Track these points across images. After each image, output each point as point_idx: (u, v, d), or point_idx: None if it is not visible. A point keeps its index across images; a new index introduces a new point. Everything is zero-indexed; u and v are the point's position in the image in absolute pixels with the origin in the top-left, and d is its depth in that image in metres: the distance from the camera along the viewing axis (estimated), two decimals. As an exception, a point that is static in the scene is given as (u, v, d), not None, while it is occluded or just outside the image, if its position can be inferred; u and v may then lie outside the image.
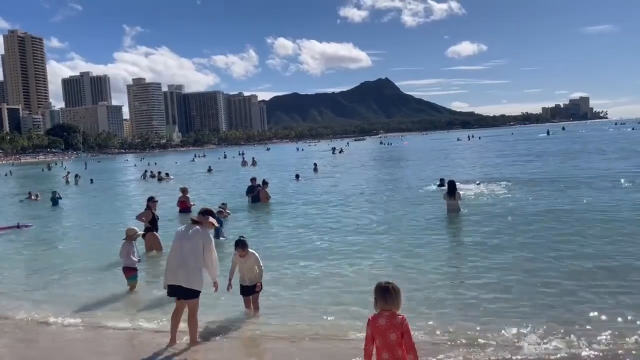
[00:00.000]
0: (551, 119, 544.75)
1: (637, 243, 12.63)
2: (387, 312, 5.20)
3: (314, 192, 29.72)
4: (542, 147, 65.63)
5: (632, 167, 30.87)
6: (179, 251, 7.73)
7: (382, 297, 5.22)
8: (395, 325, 5.15)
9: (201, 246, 7.71)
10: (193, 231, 7.84)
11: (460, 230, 16.24)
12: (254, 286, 9.20)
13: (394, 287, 5.23)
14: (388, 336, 5.15)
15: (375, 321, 5.22)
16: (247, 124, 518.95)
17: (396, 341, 5.14)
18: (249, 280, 9.19)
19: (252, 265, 9.15)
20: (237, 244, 9.13)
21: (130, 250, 11.52)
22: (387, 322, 5.17)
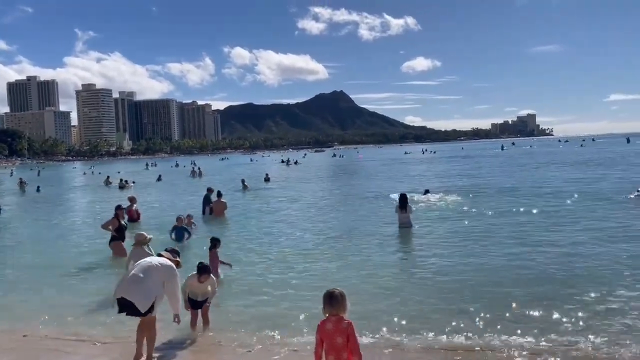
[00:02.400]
0: (500, 135, 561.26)
1: (581, 249, 13.26)
2: (334, 317, 5.51)
3: (264, 203, 29.70)
4: (499, 161, 67.70)
5: (582, 179, 32.26)
6: (136, 272, 7.56)
7: (329, 303, 5.53)
8: (342, 330, 5.45)
9: (161, 278, 7.57)
10: (161, 263, 7.71)
11: (410, 243, 16.55)
12: (204, 301, 9.22)
13: (340, 293, 5.55)
14: (335, 340, 5.45)
15: (324, 326, 5.53)
16: (201, 133, 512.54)
17: (342, 344, 5.44)
18: (201, 296, 9.20)
19: (206, 286, 9.17)
20: (199, 270, 9.01)
21: (142, 256, 11.11)
22: (333, 326, 5.48)
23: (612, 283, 10.64)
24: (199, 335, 8.95)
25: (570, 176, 37.87)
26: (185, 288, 8.90)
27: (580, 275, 11.41)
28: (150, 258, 7.97)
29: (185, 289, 8.95)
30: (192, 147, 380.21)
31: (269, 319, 9.55)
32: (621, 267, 11.79)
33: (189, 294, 9.10)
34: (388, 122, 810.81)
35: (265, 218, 23.19)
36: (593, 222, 17.93)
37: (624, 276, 11.10)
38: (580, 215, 19.52)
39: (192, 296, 9.16)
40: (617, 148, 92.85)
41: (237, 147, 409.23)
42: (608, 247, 13.98)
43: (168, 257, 7.93)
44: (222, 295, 10.99)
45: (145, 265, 7.64)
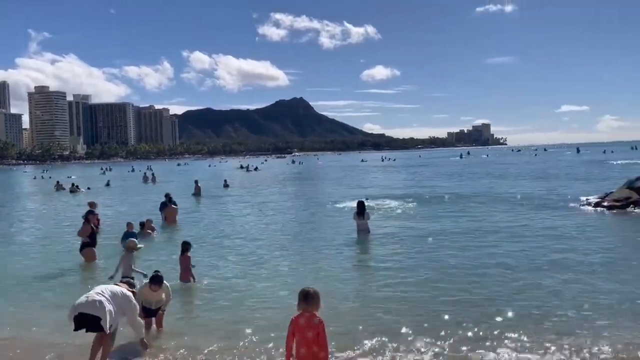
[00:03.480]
0: (456, 144, 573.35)
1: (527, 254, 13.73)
2: (308, 314, 6.04)
3: (221, 209, 29.50)
4: (457, 168, 69.06)
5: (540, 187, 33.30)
6: (101, 292, 7.66)
7: (304, 300, 6.06)
8: (313, 325, 5.98)
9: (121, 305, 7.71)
10: (122, 292, 7.86)
11: (368, 249, 16.76)
12: (158, 309, 9.22)
13: (315, 292, 6.11)
14: (306, 334, 5.98)
15: (297, 320, 6.05)
16: (158, 138, 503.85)
17: (312, 339, 5.94)
18: (155, 304, 9.16)
19: (160, 294, 9.16)
20: (152, 280, 9.03)
21: (131, 262, 11.99)
22: (306, 322, 6.00)
23: (563, 278, 11.09)
24: (153, 340, 8.87)
25: (525, 184, 39.04)
26: (139, 297, 8.82)
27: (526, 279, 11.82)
28: (112, 286, 8.08)
29: (139, 298, 8.86)
30: (149, 151, 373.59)
31: (223, 325, 9.58)
32: (560, 268, 12.30)
33: (142, 303, 9.01)
34: (347, 130, 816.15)
35: (221, 224, 23.04)
36: (540, 230, 18.59)
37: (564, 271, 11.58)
38: (530, 222, 20.23)
39: (146, 304, 9.11)
40: (568, 158, 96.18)
41: (195, 152, 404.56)
42: (556, 248, 14.60)
43: (126, 288, 8.10)
44: (181, 301, 10.93)
45: (110, 289, 7.82)
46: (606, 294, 10.54)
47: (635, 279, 11.59)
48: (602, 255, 14.07)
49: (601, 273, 12.23)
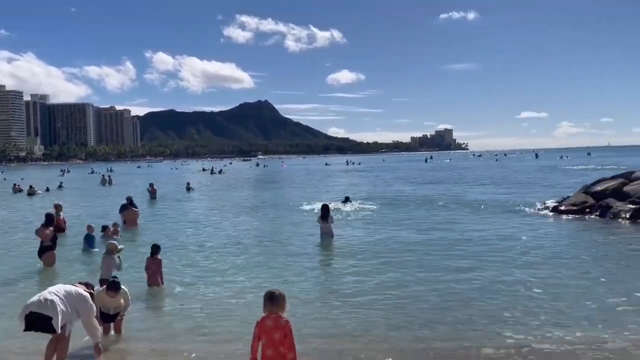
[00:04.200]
0: (419, 148, 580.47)
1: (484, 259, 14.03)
2: (274, 315, 6.06)
3: (183, 212, 29.14)
4: (422, 173, 69.90)
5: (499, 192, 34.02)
6: (54, 291, 7.43)
7: (270, 302, 6.10)
8: (280, 327, 6.01)
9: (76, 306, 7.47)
10: (78, 292, 7.62)
11: (332, 252, 16.79)
12: (116, 315, 9.06)
13: (280, 294, 6.18)
14: (273, 335, 5.99)
15: (263, 322, 6.06)
16: (119, 140, 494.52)
17: (279, 340, 5.97)
18: (113, 310, 8.99)
19: (119, 300, 8.97)
20: (109, 286, 8.84)
21: (112, 264, 11.81)
22: (273, 323, 6.03)
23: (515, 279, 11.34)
24: (111, 345, 8.70)
25: (485, 189, 39.86)
26: (96, 302, 8.63)
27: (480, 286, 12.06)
28: (68, 285, 7.82)
29: (97, 303, 8.67)
30: (109, 153, 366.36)
31: (185, 330, 9.44)
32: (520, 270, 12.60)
33: (100, 308, 8.83)
34: (312, 133, 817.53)
35: (184, 228, 22.74)
36: (498, 233, 19.04)
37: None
38: (488, 226, 20.67)
39: (104, 310, 8.93)
40: (527, 163, 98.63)
41: (157, 154, 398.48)
42: (511, 250, 14.97)
43: (83, 289, 7.85)
44: (145, 305, 10.73)
45: (65, 289, 7.57)
46: (554, 294, 10.90)
47: (584, 279, 11.99)
48: (555, 257, 14.53)
49: (554, 274, 12.62)
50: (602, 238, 17.71)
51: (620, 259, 14.43)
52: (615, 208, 21.50)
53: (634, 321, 9.19)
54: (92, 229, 17.68)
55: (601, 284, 11.68)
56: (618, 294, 10.83)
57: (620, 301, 10.32)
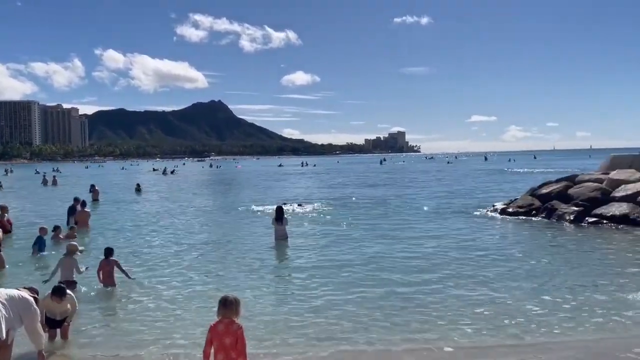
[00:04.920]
0: (372, 150, 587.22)
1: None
2: (227, 320, 6.05)
3: (132, 214, 28.50)
4: (378, 174, 70.55)
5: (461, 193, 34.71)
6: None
7: (223, 307, 6.08)
8: (232, 332, 6.00)
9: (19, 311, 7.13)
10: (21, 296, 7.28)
11: (287, 254, 16.74)
12: (63, 320, 8.78)
13: (234, 299, 6.15)
14: (224, 340, 5.97)
15: (215, 327, 6.05)
16: (66, 139, 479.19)
17: (230, 345, 5.95)
18: (60, 315, 8.71)
19: (65, 305, 8.70)
20: (54, 291, 8.53)
21: (72, 266, 11.87)
22: (225, 328, 6.02)
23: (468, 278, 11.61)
24: (57, 351, 8.44)
25: (437, 191, 40.60)
26: (41, 307, 8.32)
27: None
28: (10, 290, 7.45)
29: (42, 308, 8.36)
30: (56, 153, 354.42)
31: (135, 334, 9.25)
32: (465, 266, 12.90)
33: (46, 313, 8.52)
34: (266, 134, 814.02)
35: (133, 231, 22.23)
36: (447, 234, 19.48)
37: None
38: (438, 227, 21.11)
39: (50, 315, 8.63)
40: (477, 165, 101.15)
41: (107, 154, 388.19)
42: (456, 251, 15.31)
43: (27, 293, 7.52)
44: (95, 308, 10.40)
45: (7, 293, 7.23)
46: (499, 292, 11.20)
47: (529, 279, 12.38)
48: (502, 257, 15.01)
49: (500, 270, 12.99)
50: (548, 239, 18.35)
51: (567, 258, 14.96)
52: (560, 210, 22.27)
53: (577, 318, 9.57)
54: (46, 231, 17.24)
55: (546, 283, 12.09)
56: (567, 292, 11.25)
57: (569, 299, 10.71)
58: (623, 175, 22.92)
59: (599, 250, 16.17)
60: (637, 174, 22.67)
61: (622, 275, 12.74)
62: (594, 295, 11.02)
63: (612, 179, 22.95)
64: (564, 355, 8.07)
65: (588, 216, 21.11)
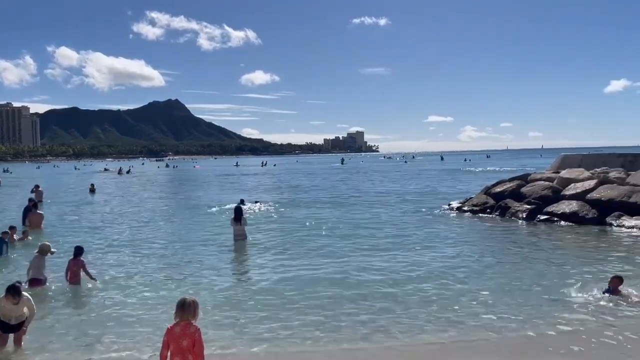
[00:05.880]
0: (331, 150, 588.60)
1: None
2: (184, 322, 6.01)
3: (87, 215, 27.81)
4: (339, 174, 70.79)
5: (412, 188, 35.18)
6: None
7: (180, 309, 6.05)
8: (189, 334, 5.97)
9: None
10: None
11: (246, 254, 16.69)
12: (20, 324, 8.41)
13: (192, 301, 6.12)
14: (181, 342, 5.93)
15: (172, 329, 6.01)
16: (16, 138, 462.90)
17: (187, 347, 5.92)
18: (15, 320, 8.37)
19: (22, 308, 8.36)
20: (8, 290, 8.22)
21: (41, 265, 12.05)
22: (181, 330, 5.98)
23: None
24: (9, 358, 8.20)
25: (394, 190, 41.11)
26: None
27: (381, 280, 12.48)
28: None
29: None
30: (5, 153, 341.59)
31: (92, 337, 9.07)
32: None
33: (0, 317, 8.21)
34: (225, 134, 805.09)
35: (87, 231, 21.70)
36: (403, 231, 19.79)
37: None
38: (393, 226, 21.43)
39: (4, 319, 8.28)
40: (433, 165, 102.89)
41: (59, 154, 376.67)
42: (410, 249, 15.58)
43: None
44: (51, 312, 10.10)
45: None
46: (456, 283, 11.45)
47: (478, 276, 12.74)
48: (454, 254, 15.44)
49: (452, 270, 13.29)
50: (501, 236, 18.89)
51: (517, 254, 15.43)
52: (513, 208, 22.91)
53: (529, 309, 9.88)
54: (7, 235, 16.98)
55: (494, 279, 12.44)
56: (513, 288, 11.60)
57: (515, 295, 11.06)
58: (573, 174, 23.73)
59: (549, 246, 16.72)
60: (585, 172, 23.51)
61: (571, 270, 13.21)
62: (539, 291, 11.40)
63: (562, 177, 23.73)
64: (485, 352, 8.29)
65: (540, 214, 21.79)
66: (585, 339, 8.53)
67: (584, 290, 11.12)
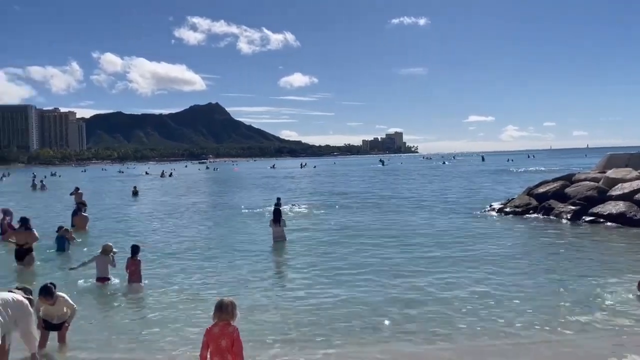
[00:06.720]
0: (370, 151, 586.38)
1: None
2: (222, 322, 6.10)
3: (130, 217, 28.50)
4: (378, 174, 70.55)
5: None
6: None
7: (219, 310, 6.15)
8: (227, 334, 6.05)
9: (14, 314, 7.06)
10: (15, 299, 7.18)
11: (285, 256, 16.77)
12: (62, 323, 8.66)
13: (230, 302, 6.22)
14: (220, 342, 6.01)
15: (211, 330, 6.10)
16: (63, 143, 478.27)
17: (226, 347, 5.99)
18: (57, 319, 8.63)
19: (61, 308, 8.59)
20: (41, 291, 8.36)
21: (107, 264, 12.90)
22: (220, 330, 6.06)
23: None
24: (52, 356, 8.42)
25: (435, 191, 40.65)
26: (37, 309, 8.31)
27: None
28: (4, 293, 7.34)
29: (37, 310, 8.34)
30: (53, 157, 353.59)
31: (134, 337, 9.24)
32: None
33: (43, 316, 8.48)
34: (264, 136, 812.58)
35: (129, 233, 22.20)
36: (445, 233, 19.54)
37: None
38: (438, 226, 21.14)
39: (47, 318, 8.54)
40: (474, 166, 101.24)
41: (104, 158, 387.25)
42: (455, 251, 15.35)
43: (21, 295, 7.41)
44: (94, 310, 10.37)
45: (0, 298, 7.10)
46: (498, 288, 11.21)
47: (526, 273, 12.42)
48: (499, 256, 15.12)
49: (497, 269, 13.10)
50: (545, 238, 18.40)
51: (563, 256, 15.00)
52: (557, 209, 22.33)
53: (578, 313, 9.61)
54: (68, 232, 18.38)
55: (550, 281, 12.13)
56: (562, 291, 11.29)
57: (564, 297, 10.76)
58: (619, 174, 22.98)
59: (595, 248, 16.22)
60: (633, 172, 22.73)
61: (617, 273, 12.77)
62: (591, 292, 11.05)
63: (608, 177, 23.00)
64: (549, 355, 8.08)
65: (585, 215, 21.16)
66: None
67: (630, 293, 10.75)
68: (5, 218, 21.00)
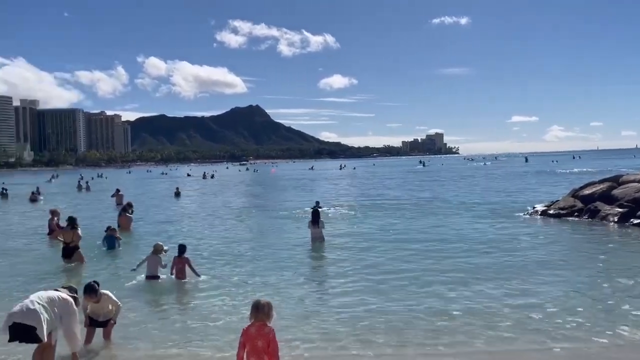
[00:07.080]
0: (410, 152, 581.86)
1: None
2: (258, 323, 6.16)
3: (172, 218, 29.03)
4: (419, 176, 70.00)
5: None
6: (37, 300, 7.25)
7: (255, 310, 6.21)
8: (263, 335, 6.10)
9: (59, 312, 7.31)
10: (60, 297, 7.45)
11: (323, 258, 16.77)
12: (108, 320, 8.92)
13: (266, 303, 6.27)
14: (256, 343, 6.07)
15: (248, 330, 6.18)
16: (109, 145, 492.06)
17: (262, 348, 6.05)
18: (103, 317, 8.91)
19: (106, 305, 8.84)
20: (85, 289, 8.60)
21: (157, 263, 13.41)
22: (256, 331, 6.12)
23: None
24: (98, 352, 8.64)
25: (477, 193, 39.99)
26: (83, 307, 8.61)
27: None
28: (50, 291, 7.62)
29: (83, 308, 8.63)
30: (99, 159, 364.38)
31: (176, 335, 9.38)
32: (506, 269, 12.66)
33: (89, 313, 8.76)
34: (303, 138, 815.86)
35: (173, 234, 22.63)
36: (489, 236, 19.19)
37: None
38: (480, 229, 20.77)
39: (93, 316, 8.82)
40: (517, 167, 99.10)
41: (148, 159, 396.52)
42: (499, 255, 15.08)
43: (67, 293, 7.65)
44: (141, 309, 10.62)
45: (47, 295, 7.38)
46: (545, 293, 10.93)
47: (573, 279, 12.09)
48: (544, 259, 14.73)
49: (543, 274, 12.78)
50: (591, 241, 17.80)
51: (610, 261, 14.51)
52: (604, 212, 21.64)
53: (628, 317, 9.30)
54: (116, 232, 19.04)
55: (588, 286, 11.78)
56: (611, 297, 10.94)
57: (610, 305, 10.43)
58: (670, 175, 22.10)
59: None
60: (685, 173, 21.83)
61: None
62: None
63: (658, 179, 22.16)
64: None
65: (633, 217, 20.44)
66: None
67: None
68: (54, 218, 22.01)
